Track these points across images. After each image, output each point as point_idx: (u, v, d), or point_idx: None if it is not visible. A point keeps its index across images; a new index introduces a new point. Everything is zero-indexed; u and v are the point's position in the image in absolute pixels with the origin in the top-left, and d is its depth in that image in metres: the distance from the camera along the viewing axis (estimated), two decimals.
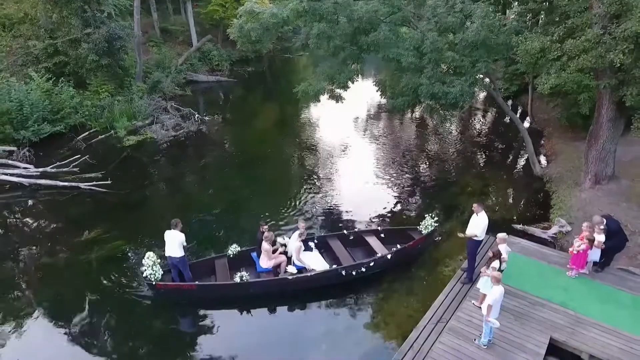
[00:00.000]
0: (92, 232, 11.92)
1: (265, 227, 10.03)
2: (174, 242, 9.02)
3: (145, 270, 8.99)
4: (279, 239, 10.50)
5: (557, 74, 11.02)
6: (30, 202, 13.94)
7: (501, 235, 8.71)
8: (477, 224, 8.83)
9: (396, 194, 14.46)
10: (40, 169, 15.23)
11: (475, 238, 8.93)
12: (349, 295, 9.72)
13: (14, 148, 16.43)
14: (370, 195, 14.25)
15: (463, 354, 7.40)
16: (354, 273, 9.78)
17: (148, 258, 9.05)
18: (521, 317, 8.19)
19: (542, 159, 16.84)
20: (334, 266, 9.80)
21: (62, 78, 19.33)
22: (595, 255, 9.10)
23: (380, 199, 14.06)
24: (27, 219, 12.94)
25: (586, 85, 13.04)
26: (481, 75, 14.44)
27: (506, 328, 7.91)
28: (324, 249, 10.77)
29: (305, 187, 14.99)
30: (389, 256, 10.05)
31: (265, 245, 9.67)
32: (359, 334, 8.69)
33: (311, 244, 10.70)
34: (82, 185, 14.41)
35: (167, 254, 9.15)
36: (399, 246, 10.39)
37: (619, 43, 9.66)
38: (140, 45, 24.07)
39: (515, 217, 12.69)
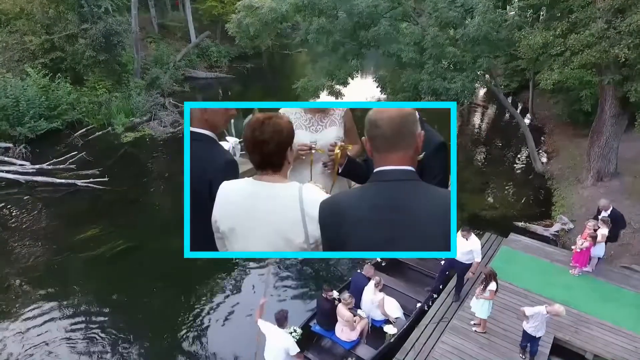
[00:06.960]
0: (90, 230, 11.76)
1: (332, 292, 7.97)
2: (278, 346, 6.30)
3: None
4: (335, 293, 8.06)
5: (560, 70, 10.88)
6: (26, 199, 13.77)
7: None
8: (473, 250, 8.05)
9: None
10: (37, 166, 15.06)
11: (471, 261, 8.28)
12: None
13: (10, 145, 16.26)
14: None
15: (465, 354, 7.30)
16: (431, 303, 8.62)
17: None
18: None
19: (543, 156, 16.71)
20: (418, 304, 8.53)
21: (59, 74, 19.08)
22: (599, 250, 8.98)
23: None
24: (23, 217, 12.77)
25: (588, 81, 12.91)
26: (482, 72, 14.29)
27: (508, 327, 7.82)
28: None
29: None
30: (447, 272, 9.01)
31: (346, 314, 7.67)
32: None
33: None
34: (79, 182, 14.24)
35: (266, 357, 6.61)
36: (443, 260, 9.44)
37: (623, 37, 9.51)
38: (138, 41, 23.83)
39: (516, 215, 12.56)
